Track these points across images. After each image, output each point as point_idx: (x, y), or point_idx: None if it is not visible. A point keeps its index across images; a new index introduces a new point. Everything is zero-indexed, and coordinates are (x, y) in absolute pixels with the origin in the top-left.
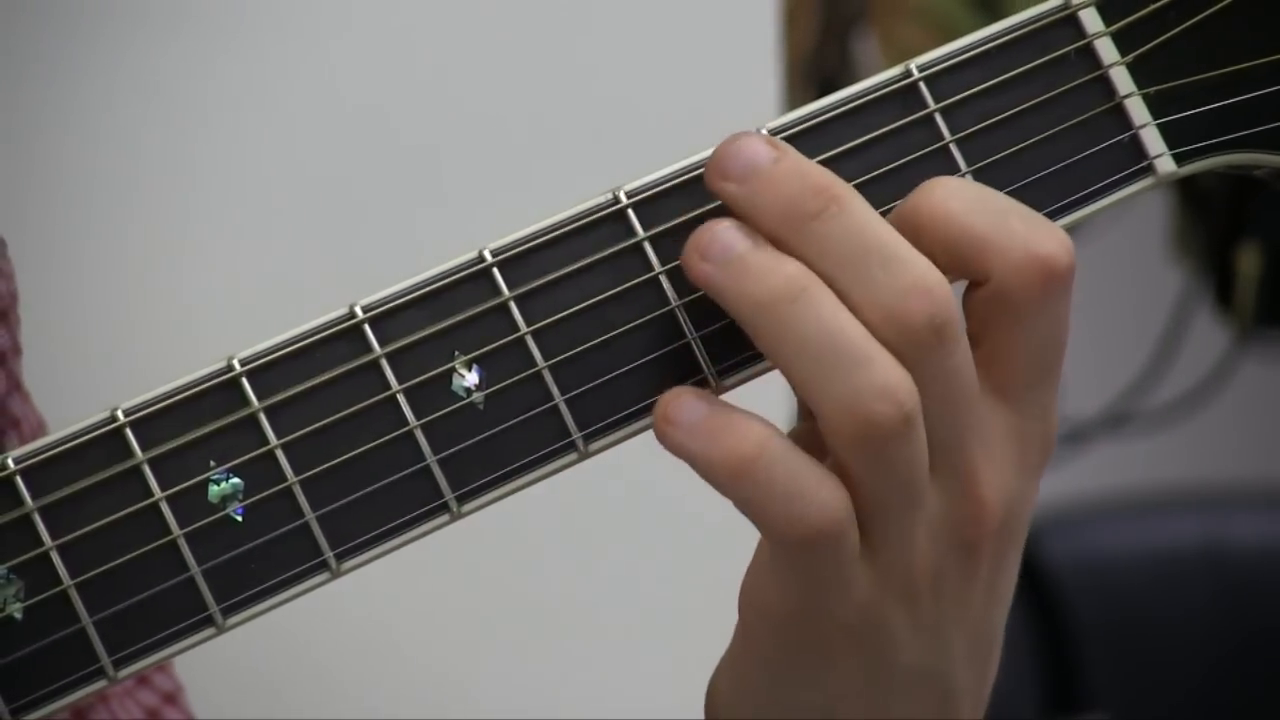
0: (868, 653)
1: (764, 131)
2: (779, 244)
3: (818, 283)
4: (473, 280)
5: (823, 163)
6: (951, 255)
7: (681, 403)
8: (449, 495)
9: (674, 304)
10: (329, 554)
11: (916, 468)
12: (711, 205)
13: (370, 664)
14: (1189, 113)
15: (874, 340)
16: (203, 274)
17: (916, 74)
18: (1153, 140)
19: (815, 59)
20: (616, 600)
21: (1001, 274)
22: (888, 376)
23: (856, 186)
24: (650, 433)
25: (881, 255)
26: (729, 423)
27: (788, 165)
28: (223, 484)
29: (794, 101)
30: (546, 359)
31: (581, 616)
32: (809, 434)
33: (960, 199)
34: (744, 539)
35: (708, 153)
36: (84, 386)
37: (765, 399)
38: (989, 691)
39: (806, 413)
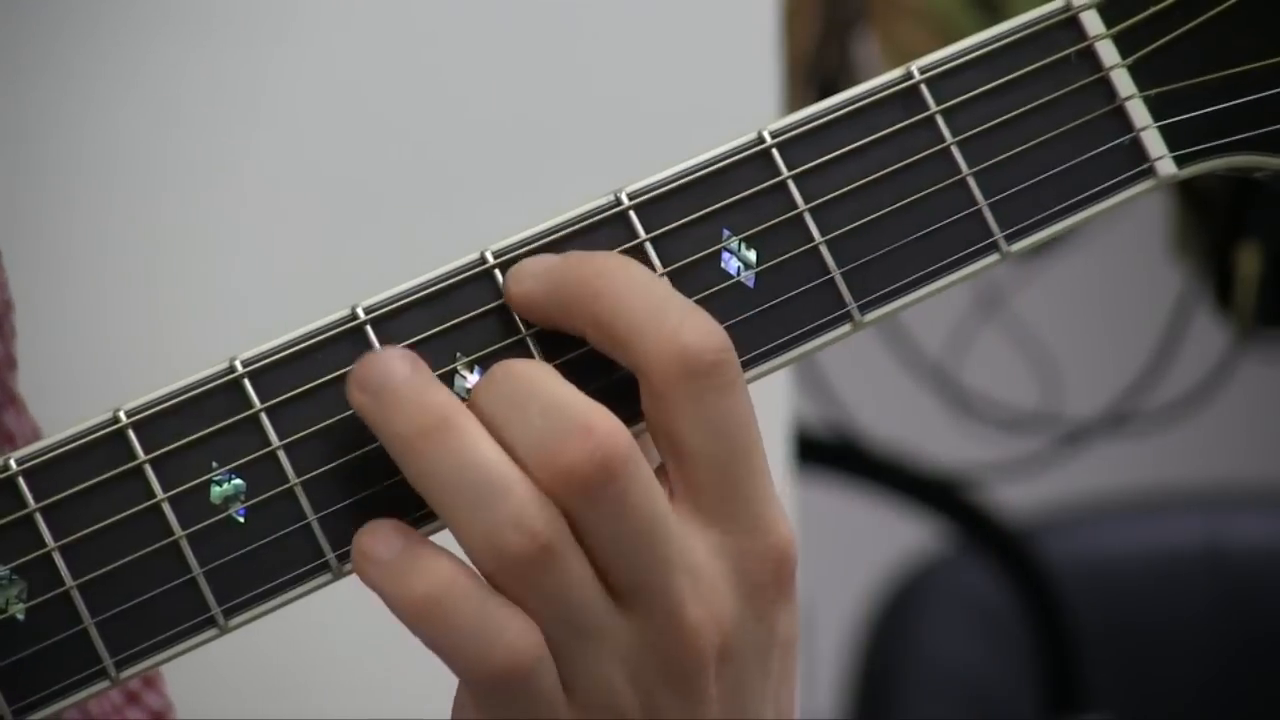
0: None
1: (765, 134)
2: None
3: (464, 414)
4: (474, 282)
5: (824, 165)
6: (603, 335)
7: (376, 537)
8: None
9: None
10: (331, 555)
11: (576, 600)
12: (711, 208)
13: (370, 663)
14: (1190, 115)
15: (516, 470)
16: (207, 275)
17: (918, 76)
18: (1154, 142)
19: (815, 59)
20: None
21: (645, 365)
22: (524, 508)
23: (858, 189)
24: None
25: (542, 404)
26: (416, 562)
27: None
28: (225, 485)
29: (794, 102)
30: (551, 361)
31: None
32: None
33: (622, 279)
34: None
35: (711, 153)
36: (87, 387)
37: (766, 400)
38: None
39: None
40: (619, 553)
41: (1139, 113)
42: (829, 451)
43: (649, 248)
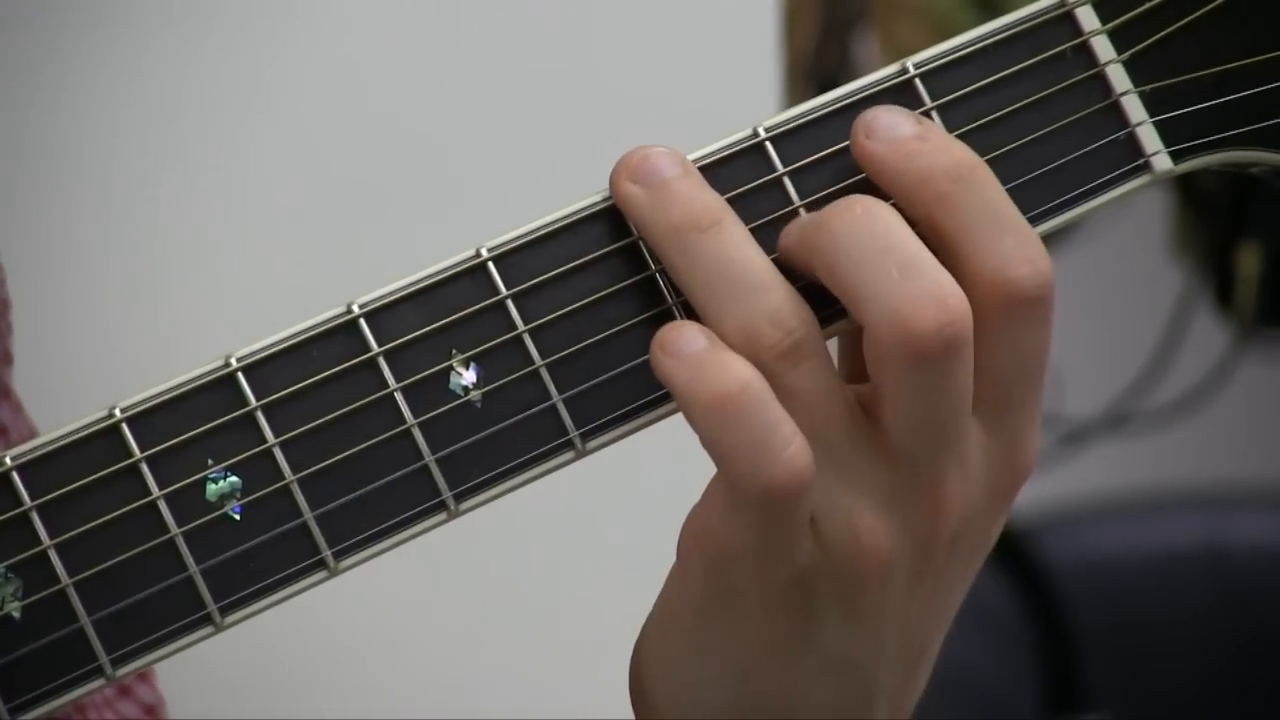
0: (791, 621)
1: (761, 129)
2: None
3: (733, 216)
4: (470, 278)
5: (820, 160)
6: (934, 237)
7: (680, 333)
8: (446, 493)
9: (671, 302)
10: (327, 552)
11: (822, 404)
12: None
13: (371, 663)
14: (1185, 110)
15: (778, 275)
16: (203, 273)
17: (912, 71)
18: (1149, 138)
19: (815, 59)
20: (619, 600)
21: (968, 281)
22: (781, 304)
23: (855, 184)
24: (648, 431)
25: (902, 259)
26: (719, 360)
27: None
28: (220, 482)
29: (794, 101)
30: (544, 357)
31: (581, 615)
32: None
33: (973, 189)
34: None
35: (704, 150)
36: (82, 384)
37: None
38: (912, 705)
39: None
40: (911, 418)
41: (1134, 108)
42: None
43: (643, 245)
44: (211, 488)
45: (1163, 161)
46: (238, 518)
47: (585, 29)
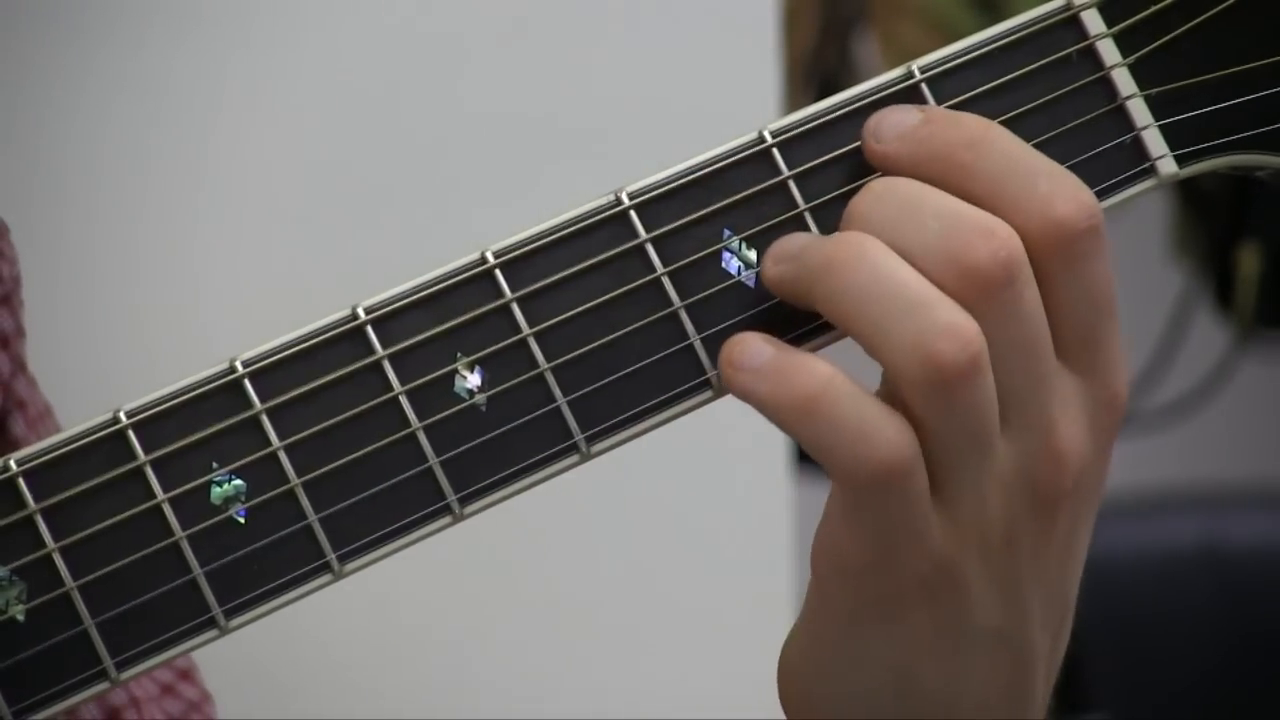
0: (943, 608)
1: (765, 133)
2: None
3: (873, 239)
4: (475, 282)
5: (827, 163)
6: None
7: (746, 346)
8: (451, 497)
9: (676, 305)
10: (331, 556)
11: (985, 413)
12: (710, 209)
13: (371, 663)
14: (1191, 114)
15: (934, 286)
16: (208, 273)
17: (918, 75)
18: (1155, 141)
19: (815, 59)
20: (620, 600)
21: (1024, 237)
22: (954, 316)
23: (860, 187)
24: (653, 434)
25: (934, 209)
26: (794, 363)
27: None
28: (225, 486)
29: (794, 101)
30: (549, 360)
31: (584, 616)
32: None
33: (997, 147)
34: (744, 539)
35: (710, 154)
36: (86, 388)
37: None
38: (1061, 659)
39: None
40: (1006, 362)
41: (1140, 112)
42: None
43: (649, 248)
44: (216, 491)
45: (1168, 165)
46: (242, 521)
47: (584, 29)
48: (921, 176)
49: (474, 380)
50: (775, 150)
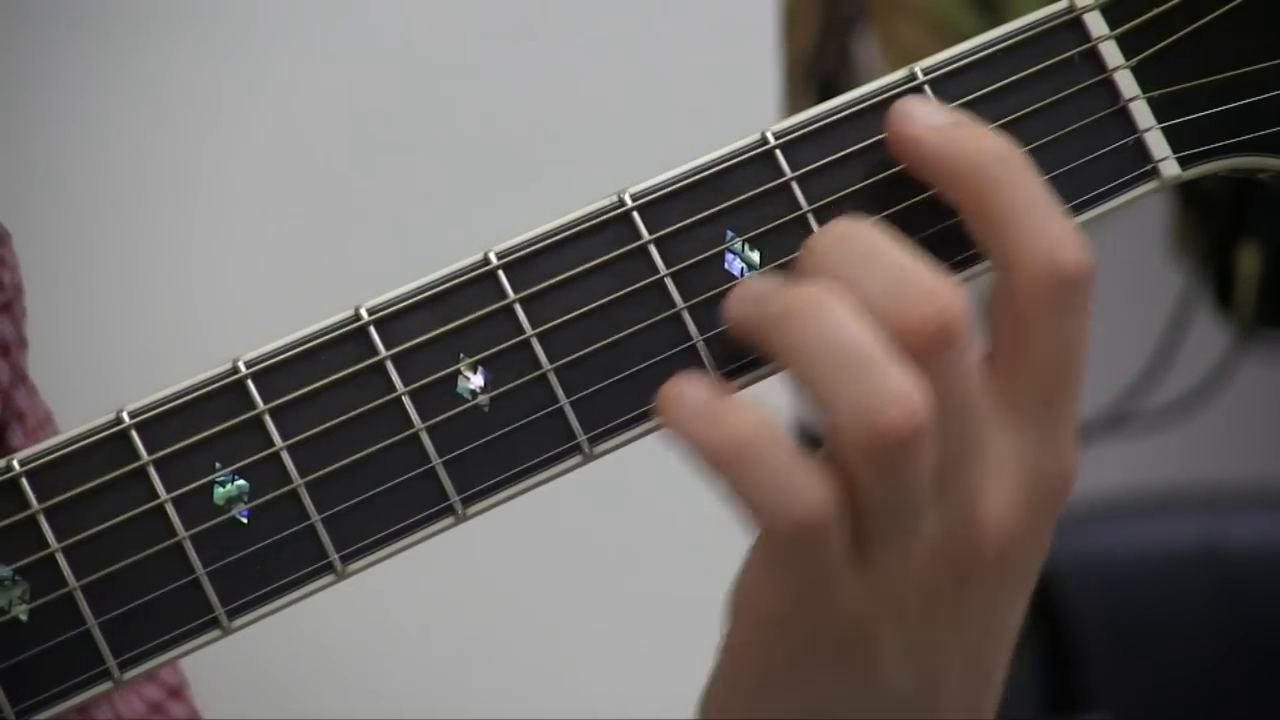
0: (854, 670)
1: (769, 135)
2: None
3: (832, 295)
4: (478, 283)
5: (831, 164)
6: (985, 219)
7: (684, 388)
8: (454, 497)
9: (679, 306)
10: (334, 556)
11: (920, 483)
12: (713, 210)
13: (373, 664)
14: (1194, 116)
15: (889, 349)
16: (208, 273)
17: (922, 77)
18: (1157, 144)
19: (815, 59)
20: (619, 601)
21: (1017, 260)
22: (902, 383)
23: (859, 190)
24: (657, 435)
25: (887, 263)
26: (727, 408)
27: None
28: (228, 486)
29: (794, 101)
30: (552, 361)
31: (584, 617)
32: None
33: (1020, 178)
34: (744, 540)
35: (715, 154)
36: (89, 388)
37: (766, 400)
38: None
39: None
40: (942, 428)
41: (1142, 114)
42: None
43: (652, 249)
44: (219, 491)
45: (1171, 167)
46: (245, 521)
47: (584, 29)
48: (941, 175)
49: (477, 381)
50: (778, 152)
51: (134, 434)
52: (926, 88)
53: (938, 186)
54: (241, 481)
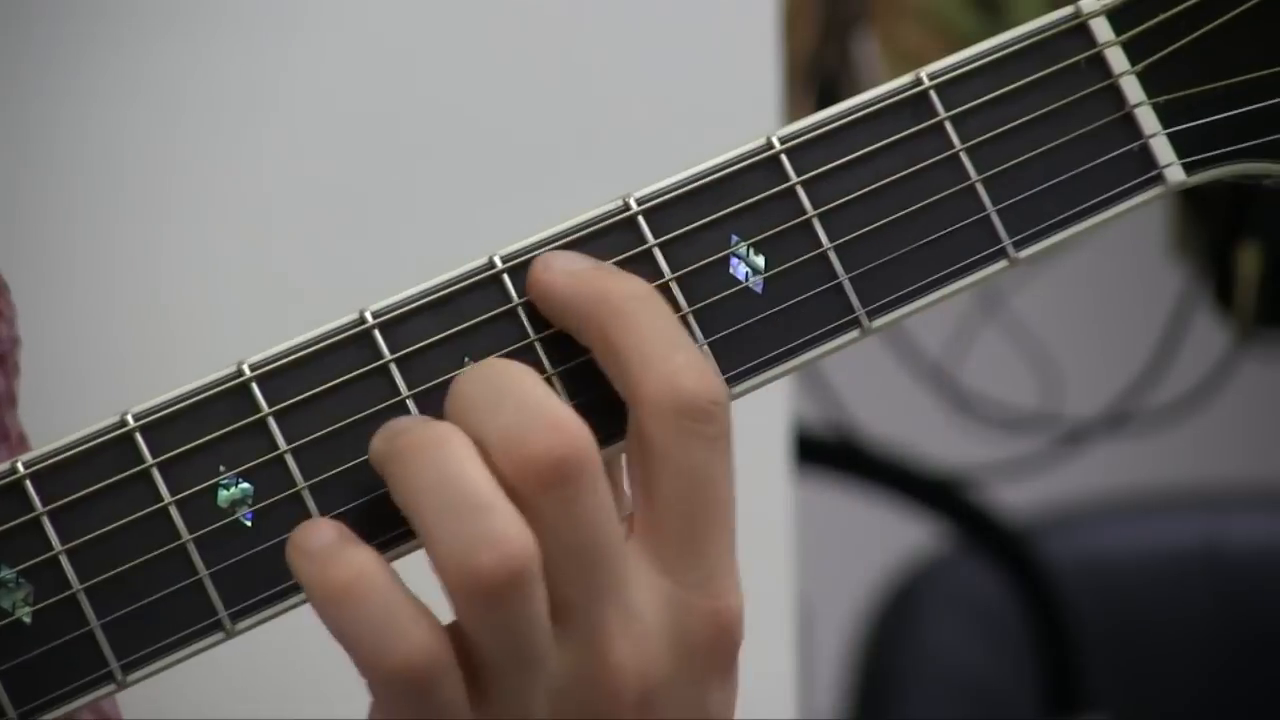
0: None
1: (774, 139)
2: None
3: (457, 433)
4: (484, 286)
5: (833, 171)
6: (608, 352)
7: (310, 529)
8: None
9: (684, 310)
10: None
11: (528, 628)
12: (720, 214)
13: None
14: (1199, 122)
15: (502, 494)
16: (216, 278)
17: (927, 82)
18: (1163, 149)
19: (816, 60)
20: None
21: (638, 393)
22: (505, 526)
23: (866, 195)
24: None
25: (518, 399)
26: (337, 550)
27: None
28: (232, 489)
29: (794, 103)
30: (554, 366)
31: None
32: None
33: (646, 309)
34: (743, 540)
35: (720, 159)
36: (93, 391)
37: (766, 399)
38: None
39: None
40: (557, 566)
41: (1148, 119)
42: (829, 451)
43: (657, 253)
44: (223, 494)
45: (1176, 173)
46: (249, 524)
47: (583, 30)
48: (568, 315)
49: None
50: (784, 156)
51: (138, 436)
52: (932, 93)
53: (568, 328)
54: (245, 485)
